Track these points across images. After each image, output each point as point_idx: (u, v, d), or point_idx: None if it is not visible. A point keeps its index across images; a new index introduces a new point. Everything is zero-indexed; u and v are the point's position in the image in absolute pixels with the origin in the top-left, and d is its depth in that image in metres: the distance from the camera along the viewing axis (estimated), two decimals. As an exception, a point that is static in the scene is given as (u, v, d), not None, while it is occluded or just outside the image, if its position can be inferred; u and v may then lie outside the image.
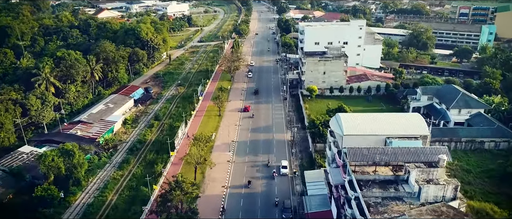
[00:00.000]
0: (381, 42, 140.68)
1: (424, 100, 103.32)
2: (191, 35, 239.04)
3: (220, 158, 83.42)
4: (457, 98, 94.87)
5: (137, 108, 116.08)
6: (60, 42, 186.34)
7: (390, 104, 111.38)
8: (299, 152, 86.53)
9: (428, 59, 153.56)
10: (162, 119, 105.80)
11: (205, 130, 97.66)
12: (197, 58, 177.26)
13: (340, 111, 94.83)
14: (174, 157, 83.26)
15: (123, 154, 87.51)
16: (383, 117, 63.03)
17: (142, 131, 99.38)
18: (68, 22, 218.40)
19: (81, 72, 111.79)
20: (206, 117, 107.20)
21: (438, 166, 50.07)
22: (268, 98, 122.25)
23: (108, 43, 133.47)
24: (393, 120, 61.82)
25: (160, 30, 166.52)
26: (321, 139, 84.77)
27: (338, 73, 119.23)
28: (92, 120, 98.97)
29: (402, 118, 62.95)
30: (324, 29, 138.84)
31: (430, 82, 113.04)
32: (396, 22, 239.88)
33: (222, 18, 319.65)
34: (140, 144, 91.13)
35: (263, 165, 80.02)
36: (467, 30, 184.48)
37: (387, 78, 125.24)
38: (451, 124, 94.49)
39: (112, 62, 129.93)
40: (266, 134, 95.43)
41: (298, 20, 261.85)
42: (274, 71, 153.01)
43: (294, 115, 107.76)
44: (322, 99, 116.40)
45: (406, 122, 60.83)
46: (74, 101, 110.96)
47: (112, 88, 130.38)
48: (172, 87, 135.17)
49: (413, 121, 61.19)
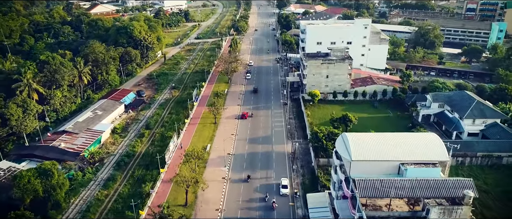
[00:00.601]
0: (387, 42, 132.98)
1: (435, 107, 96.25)
2: (188, 31, 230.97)
3: (214, 175, 76.62)
4: (471, 106, 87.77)
5: (128, 114, 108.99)
6: (51, 39, 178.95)
7: (398, 110, 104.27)
8: (301, 167, 79.65)
9: (436, 59, 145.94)
10: (154, 128, 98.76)
11: (199, 141, 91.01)
12: (194, 57, 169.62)
13: (344, 120, 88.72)
14: (164, 173, 76.35)
15: (110, 169, 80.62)
16: (395, 138, 55.94)
17: (132, 141, 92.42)
18: (60, 18, 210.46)
19: (67, 77, 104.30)
20: (201, 125, 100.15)
21: (462, 204, 43.31)
22: (267, 103, 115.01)
23: (98, 44, 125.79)
24: (407, 142, 54.74)
25: (154, 28, 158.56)
26: (324, 153, 77.94)
27: (342, 76, 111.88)
28: (77, 129, 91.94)
29: (417, 139, 55.79)
30: (327, 28, 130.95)
31: (441, 87, 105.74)
32: (401, 17, 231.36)
33: (220, 12, 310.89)
34: (129, 158, 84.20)
35: (261, 188, 72.70)
36: (476, 27, 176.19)
37: (394, 82, 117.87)
38: (465, 135, 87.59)
39: (102, 64, 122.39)
40: (265, 146, 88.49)
41: (299, 15, 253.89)
42: (274, 72, 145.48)
43: (294, 123, 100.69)
44: (325, 105, 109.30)
45: (422, 145, 53.77)
46: (60, 107, 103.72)
47: (102, 92, 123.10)
48: (166, 90, 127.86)
49: (430, 143, 54.13)
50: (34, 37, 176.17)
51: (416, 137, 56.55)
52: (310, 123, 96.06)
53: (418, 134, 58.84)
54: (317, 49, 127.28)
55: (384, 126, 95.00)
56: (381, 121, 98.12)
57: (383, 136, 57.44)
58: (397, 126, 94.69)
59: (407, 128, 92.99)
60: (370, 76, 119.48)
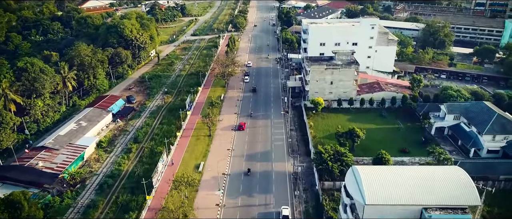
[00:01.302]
0: (395, 43, 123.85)
1: (450, 119, 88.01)
2: (184, 26, 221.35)
3: (207, 201, 68.77)
4: (491, 120, 79.50)
5: (116, 124, 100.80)
6: (39, 37, 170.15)
7: (408, 121, 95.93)
8: (304, 191, 71.73)
9: (446, 60, 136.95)
10: (143, 142, 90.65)
11: (191, 158, 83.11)
12: (189, 56, 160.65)
13: (351, 135, 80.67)
14: (151, 200, 68.44)
15: (92, 193, 72.70)
16: (415, 174, 47.96)
17: (118, 158, 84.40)
18: (50, 14, 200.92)
19: (48, 85, 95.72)
20: (194, 138, 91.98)
21: None
22: (266, 111, 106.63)
23: (84, 46, 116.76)
24: (430, 179, 46.79)
25: (147, 26, 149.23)
26: (329, 176, 70.03)
27: (347, 83, 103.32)
28: (58, 145, 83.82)
29: (441, 175, 47.72)
30: (331, 28, 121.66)
31: (455, 95, 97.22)
32: (407, 12, 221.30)
33: (218, 6, 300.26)
34: (113, 179, 76.21)
35: (260, 215, 65.06)
36: (488, 25, 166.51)
37: (403, 88, 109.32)
38: (483, 151, 79.50)
39: (89, 68, 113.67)
40: (264, 164, 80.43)
41: (300, 9, 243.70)
42: (274, 74, 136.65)
43: (296, 136, 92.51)
44: (329, 114, 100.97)
45: (447, 183, 45.82)
46: (41, 118, 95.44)
47: (90, 98, 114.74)
48: (158, 95, 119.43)
49: (457, 181, 46.17)
50: (22, 34, 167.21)
51: (440, 173, 48.41)
52: (313, 136, 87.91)
53: (441, 169, 50.64)
54: (320, 50, 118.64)
55: (394, 140, 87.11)
56: (390, 134, 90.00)
57: (401, 171, 49.41)
58: (408, 140, 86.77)
59: (419, 143, 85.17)
60: (378, 81, 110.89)
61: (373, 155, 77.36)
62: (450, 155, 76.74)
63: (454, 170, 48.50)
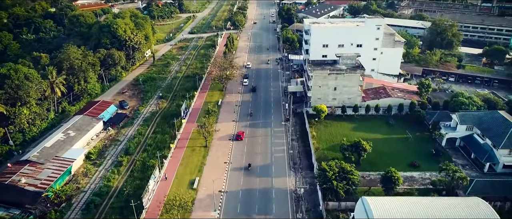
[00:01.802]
0: (402, 45, 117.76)
1: (462, 130, 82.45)
2: (182, 23, 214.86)
3: (202, 223, 63.58)
4: (508, 133, 74.03)
5: (107, 133, 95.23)
6: (31, 35, 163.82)
7: (417, 130, 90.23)
8: (307, 211, 66.37)
9: (454, 62, 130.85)
10: (134, 153, 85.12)
11: (186, 171, 77.79)
12: (186, 57, 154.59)
13: (357, 149, 75.24)
14: (141, 223, 63.24)
15: (77, 213, 67.40)
16: (433, 208, 42.43)
17: (108, 172, 78.98)
18: (42, 11, 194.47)
19: (34, 92, 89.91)
20: (189, 149, 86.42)
21: None
22: (266, 118, 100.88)
23: (74, 49, 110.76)
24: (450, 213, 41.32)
25: (141, 26, 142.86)
26: (334, 196, 64.70)
27: (352, 88, 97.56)
28: (43, 158, 78.18)
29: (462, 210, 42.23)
30: (334, 28, 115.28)
31: (467, 102, 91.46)
32: (411, 9, 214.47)
33: (217, 2, 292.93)
34: (101, 197, 70.80)
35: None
36: (497, 24, 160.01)
37: (411, 93, 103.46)
38: (499, 166, 74.12)
39: (79, 71, 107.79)
40: (263, 180, 74.94)
41: (301, 6, 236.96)
42: (274, 77, 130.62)
43: (298, 146, 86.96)
44: (332, 121, 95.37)
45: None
46: (27, 127, 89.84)
47: (80, 103, 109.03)
48: (152, 99, 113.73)
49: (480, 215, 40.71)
50: (13, 32, 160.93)
51: (460, 207, 42.96)
52: (316, 148, 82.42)
53: (461, 201, 45.16)
54: (322, 52, 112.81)
55: (402, 152, 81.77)
56: (398, 145, 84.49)
57: (416, 203, 43.98)
58: (417, 152, 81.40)
59: (429, 155, 79.80)
60: (384, 86, 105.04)
61: (380, 169, 72.40)
62: (463, 170, 71.54)
63: (477, 204, 43.04)
